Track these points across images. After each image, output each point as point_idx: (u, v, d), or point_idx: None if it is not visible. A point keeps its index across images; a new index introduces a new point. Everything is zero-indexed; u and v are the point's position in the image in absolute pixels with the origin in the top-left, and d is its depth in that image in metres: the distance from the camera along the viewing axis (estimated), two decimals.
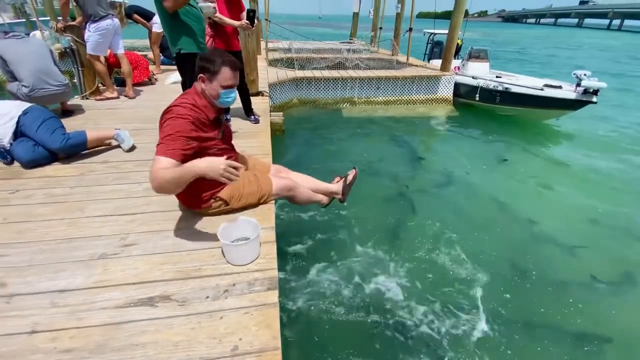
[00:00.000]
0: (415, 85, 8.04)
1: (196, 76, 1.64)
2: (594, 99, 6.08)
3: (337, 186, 2.45)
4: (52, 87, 3.14)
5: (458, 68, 8.42)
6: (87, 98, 4.06)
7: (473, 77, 7.71)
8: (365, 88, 7.89)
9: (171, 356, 1.10)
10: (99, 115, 3.56)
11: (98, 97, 4.08)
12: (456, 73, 8.17)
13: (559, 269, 3.07)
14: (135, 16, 5.94)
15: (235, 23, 3.13)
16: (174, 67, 2.88)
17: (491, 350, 2.29)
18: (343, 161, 5.07)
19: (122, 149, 2.72)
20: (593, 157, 5.70)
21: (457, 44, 8.66)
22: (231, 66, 1.62)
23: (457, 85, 8.06)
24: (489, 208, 4.04)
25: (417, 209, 3.91)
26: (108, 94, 4.13)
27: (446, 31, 8.14)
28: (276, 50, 10.36)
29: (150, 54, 6.28)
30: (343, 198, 2.49)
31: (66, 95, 3.38)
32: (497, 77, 7.64)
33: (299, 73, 7.66)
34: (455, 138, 6.50)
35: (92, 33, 3.73)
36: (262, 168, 2.16)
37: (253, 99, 3.78)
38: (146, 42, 7.77)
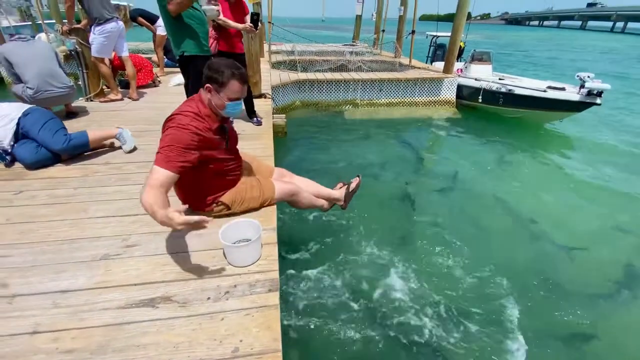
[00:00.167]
0: (417, 87, 8.03)
1: (203, 84, 1.60)
2: (598, 101, 6.04)
3: (340, 192, 2.45)
4: (57, 89, 3.17)
5: (461, 70, 8.41)
6: (92, 100, 4.09)
7: (476, 79, 7.70)
8: (367, 90, 7.89)
9: (172, 357, 1.10)
10: (103, 117, 3.59)
11: (102, 99, 4.12)
12: (459, 75, 8.16)
13: (563, 272, 3.04)
14: (139, 19, 5.98)
15: (239, 26, 3.14)
16: (178, 70, 2.90)
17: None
18: (345, 163, 5.07)
19: (123, 150, 2.73)
20: (597, 160, 5.65)
21: (460, 47, 8.65)
22: (240, 79, 1.59)
23: (460, 87, 8.05)
24: (493, 210, 4.01)
25: (420, 211, 3.90)
26: (112, 96, 4.16)
27: (449, 34, 8.13)
28: (279, 52, 10.40)
29: (154, 57, 6.33)
30: (344, 205, 2.49)
31: (70, 97, 3.40)
32: (500, 80, 7.62)
33: (302, 75, 7.68)
34: (458, 140, 6.47)
35: (97, 36, 3.77)
36: (266, 171, 2.16)
37: (256, 101, 3.80)
38: (150, 45, 7.81)
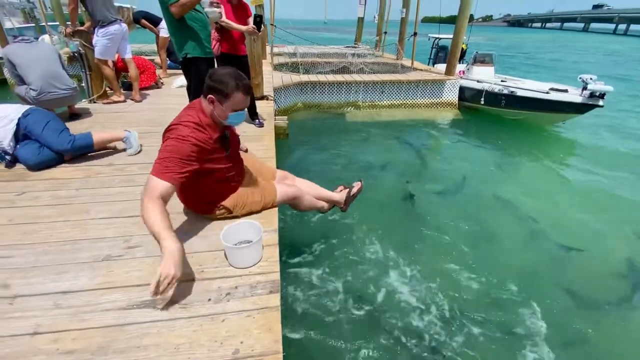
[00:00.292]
0: (420, 89, 8.03)
1: (204, 94, 1.56)
2: (601, 103, 6.02)
3: (341, 195, 2.46)
4: (60, 91, 3.19)
5: (463, 72, 8.41)
6: (95, 101, 4.11)
7: (478, 81, 7.69)
8: (369, 92, 7.89)
9: (172, 359, 1.10)
10: (106, 118, 3.60)
11: (105, 101, 4.14)
12: (461, 77, 8.15)
13: (567, 275, 3.03)
14: (143, 21, 6.02)
15: (242, 28, 3.15)
16: (180, 72, 2.91)
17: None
18: (347, 165, 5.06)
19: (127, 154, 2.73)
20: (599, 163, 5.61)
21: (462, 49, 8.65)
22: (244, 90, 1.56)
23: (462, 89, 8.04)
24: (496, 213, 3.99)
25: (422, 213, 3.88)
26: (115, 98, 4.18)
27: (451, 36, 8.14)
28: (281, 54, 10.42)
29: (157, 59, 6.37)
30: (345, 208, 2.50)
31: (73, 98, 3.42)
32: (502, 81, 7.61)
33: (304, 77, 7.70)
34: (460, 142, 6.46)
35: (100, 38, 3.79)
36: (268, 174, 2.16)
37: (258, 103, 3.80)
38: (154, 47, 7.87)
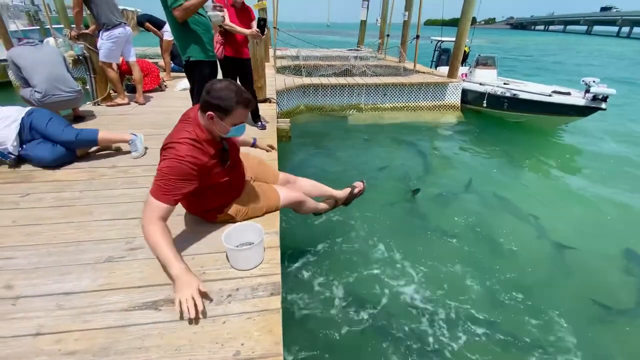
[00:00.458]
0: (422, 91, 8.03)
1: (202, 109, 1.50)
2: (603, 106, 5.99)
3: (343, 193, 2.49)
4: (65, 93, 3.21)
5: (465, 75, 8.41)
6: (99, 104, 4.15)
7: (480, 84, 7.69)
8: (372, 95, 7.90)
9: None
10: (110, 121, 3.63)
11: (109, 103, 4.17)
12: (463, 80, 8.15)
13: (571, 279, 3.01)
14: (147, 24, 6.07)
15: (245, 31, 3.17)
16: (184, 74, 2.93)
17: None
18: (349, 168, 5.07)
19: (131, 156, 2.75)
20: (602, 165, 5.60)
21: (465, 51, 8.66)
22: (245, 105, 1.51)
23: (465, 91, 8.04)
24: (499, 215, 3.98)
25: (425, 215, 3.88)
26: (119, 100, 4.21)
27: (453, 38, 8.15)
28: (284, 57, 10.47)
29: (161, 62, 6.42)
30: (346, 203, 2.53)
31: (78, 101, 3.45)
32: (505, 84, 7.60)
33: (306, 80, 7.72)
34: (463, 144, 6.45)
35: (105, 41, 3.83)
36: (271, 177, 2.17)
37: (260, 106, 3.82)
38: (157, 50, 7.92)
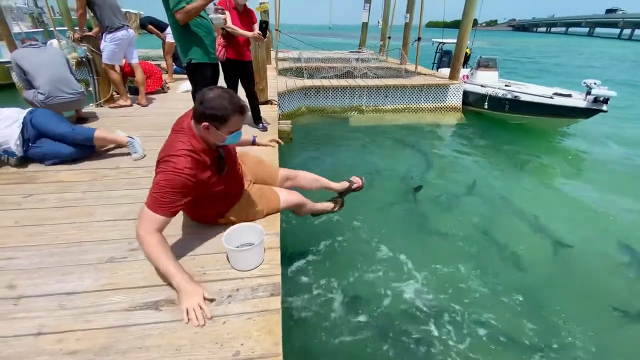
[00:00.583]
0: (423, 93, 8.04)
1: (196, 119, 1.46)
2: (604, 108, 6.00)
3: (341, 185, 2.55)
4: (68, 95, 3.24)
5: (467, 77, 8.42)
6: (102, 106, 4.17)
7: (482, 86, 7.69)
8: (373, 96, 7.92)
9: None
10: (113, 122, 3.65)
11: (112, 105, 4.19)
12: (465, 82, 8.16)
13: (573, 279, 3.00)
14: (150, 27, 6.11)
15: (247, 34, 3.19)
16: (186, 76, 2.95)
17: None
18: (351, 169, 5.07)
19: (132, 158, 2.76)
20: (603, 167, 5.60)
21: (466, 53, 8.67)
22: (240, 112, 1.48)
23: (466, 93, 8.06)
24: (500, 216, 3.98)
25: (425, 217, 3.88)
26: (122, 102, 4.24)
27: (454, 40, 8.16)
28: (286, 60, 10.51)
29: (163, 64, 6.45)
30: (341, 196, 2.60)
31: (80, 102, 3.47)
32: (506, 86, 7.60)
33: (308, 82, 7.74)
34: (464, 146, 6.45)
35: (108, 43, 3.85)
36: (270, 175, 2.17)
37: (262, 107, 3.84)
38: (160, 52, 7.97)
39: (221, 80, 3.03)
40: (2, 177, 2.36)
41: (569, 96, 6.49)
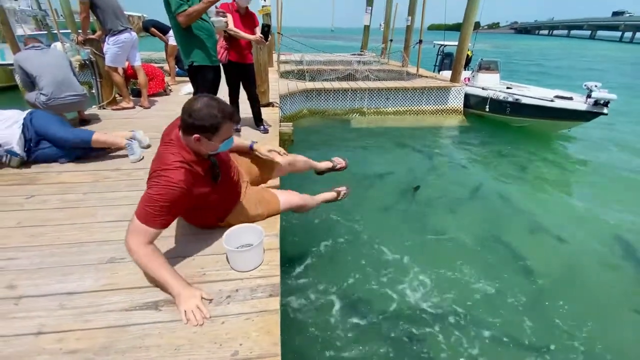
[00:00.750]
0: (425, 96, 8.05)
1: (186, 132, 1.40)
2: (605, 111, 5.99)
3: (325, 165, 2.72)
4: (70, 97, 3.26)
5: (468, 79, 8.42)
6: (104, 108, 4.20)
7: (483, 88, 7.70)
8: (374, 99, 7.94)
9: None
10: (115, 124, 3.67)
11: (114, 107, 4.23)
12: (466, 84, 8.17)
13: (575, 281, 2.99)
14: (152, 30, 6.16)
15: (249, 37, 3.21)
16: (189, 79, 2.97)
17: None
18: (351, 171, 5.06)
19: (130, 160, 2.76)
20: (604, 168, 5.59)
21: (467, 56, 8.68)
22: (230, 119, 1.44)
23: (467, 96, 8.06)
24: (501, 218, 3.97)
25: (426, 219, 3.88)
26: (124, 104, 4.27)
27: (456, 43, 8.17)
28: (288, 62, 10.54)
29: (166, 66, 6.49)
30: (321, 173, 2.75)
31: (82, 104, 3.50)
32: (508, 88, 7.60)
33: (309, 84, 7.78)
34: (465, 149, 6.44)
35: (111, 46, 3.89)
36: (267, 168, 2.20)
37: (263, 110, 3.86)
38: (163, 55, 8.03)
39: (223, 82, 3.05)
40: (5, 179, 2.38)
41: (570, 99, 6.48)
